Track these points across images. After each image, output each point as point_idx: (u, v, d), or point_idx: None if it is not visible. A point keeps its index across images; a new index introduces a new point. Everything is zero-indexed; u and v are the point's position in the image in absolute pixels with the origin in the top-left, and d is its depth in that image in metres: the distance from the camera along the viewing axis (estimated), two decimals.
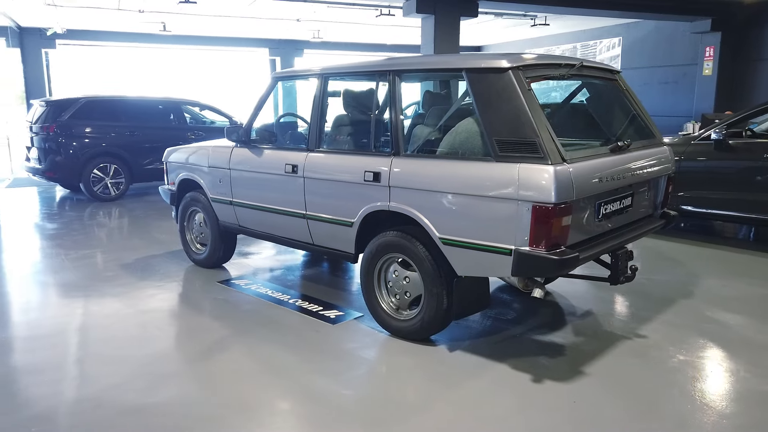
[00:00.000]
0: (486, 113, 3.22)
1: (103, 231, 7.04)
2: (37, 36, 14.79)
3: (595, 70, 3.86)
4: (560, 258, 2.99)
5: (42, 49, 15.07)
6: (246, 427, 2.77)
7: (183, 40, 15.71)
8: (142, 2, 11.38)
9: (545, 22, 13.67)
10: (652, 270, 5.45)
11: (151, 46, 15.95)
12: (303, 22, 13.72)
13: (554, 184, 2.94)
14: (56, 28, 14.03)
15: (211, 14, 12.65)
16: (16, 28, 14.36)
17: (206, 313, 4.28)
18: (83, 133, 8.63)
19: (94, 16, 12.93)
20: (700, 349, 3.64)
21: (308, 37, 15.87)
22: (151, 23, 13.75)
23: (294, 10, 12.29)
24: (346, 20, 13.46)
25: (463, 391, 3.14)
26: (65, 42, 15.33)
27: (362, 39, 16.65)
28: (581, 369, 3.36)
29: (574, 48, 16.55)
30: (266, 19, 13.41)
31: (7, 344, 3.74)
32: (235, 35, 15.96)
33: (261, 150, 4.52)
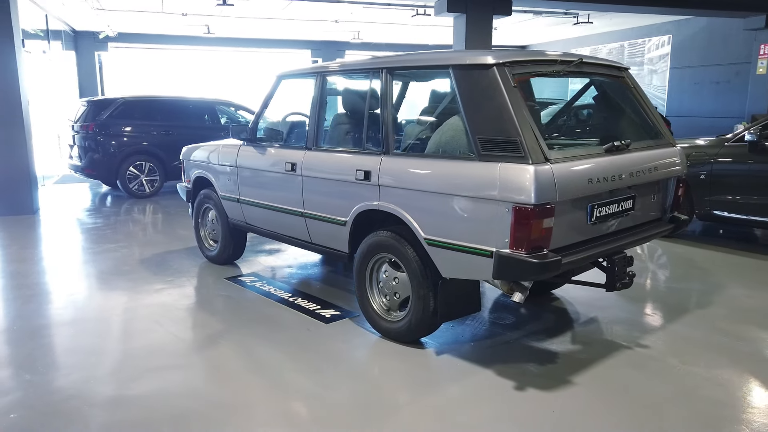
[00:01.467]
0: (470, 111, 3.14)
1: (131, 227, 7.27)
2: (91, 39, 15.46)
3: (598, 67, 3.71)
4: (540, 261, 2.87)
5: (95, 51, 15.75)
6: (216, 422, 2.78)
7: (227, 42, 16.09)
8: (185, 5, 11.71)
9: (588, 20, 13.27)
10: (675, 277, 5.21)
11: (196, 48, 16.41)
12: (341, 23, 13.82)
13: (534, 184, 2.83)
14: (108, 32, 14.63)
15: (251, 16, 12.90)
16: (71, 32, 15.04)
17: (206, 308, 4.34)
18: (120, 132, 8.94)
19: (141, 19, 13.40)
20: (705, 363, 3.43)
21: (348, 38, 15.97)
22: (195, 26, 14.14)
23: (331, 12, 12.39)
24: (384, 21, 13.46)
25: (440, 396, 3.06)
26: (117, 45, 15.97)
27: (401, 39, 16.62)
28: (570, 378, 3.22)
29: (622, 46, 16.02)
30: (306, 21, 13.57)
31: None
32: (277, 37, 16.23)
33: (265, 148, 4.56)
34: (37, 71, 12.03)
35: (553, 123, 4.12)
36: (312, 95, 4.18)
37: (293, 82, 4.49)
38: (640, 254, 5.94)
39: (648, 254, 5.95)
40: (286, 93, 4.61)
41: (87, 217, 7.82)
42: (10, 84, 7.42)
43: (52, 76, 13.22)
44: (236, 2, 10.72)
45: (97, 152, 8.83)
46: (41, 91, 12.47)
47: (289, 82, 4.55)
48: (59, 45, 14.90)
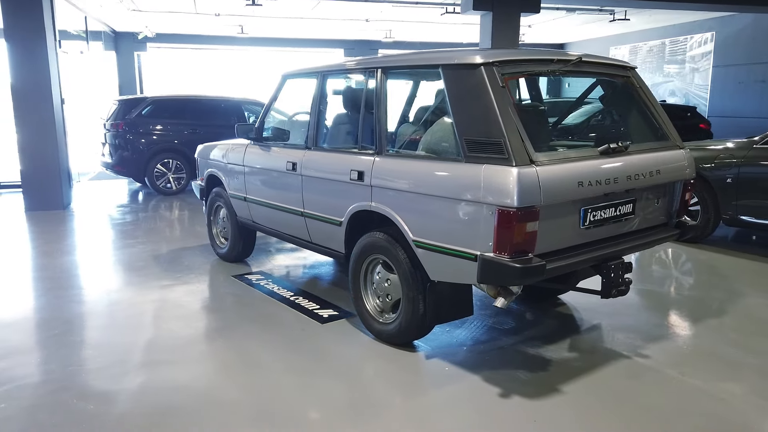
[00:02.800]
0: (457, 111, 3.08)
1: (152, 223, 7.44)
2: (130, 40, 15.91)
3: (600, 66, 3.58)
4: (523, 266, 2.79)
5: (134, 51, 16.20)
6: (198, 418, 2.81)
7: (261, 42, 16.31)
8: (217, 6, 11.92)
9: (625, 17, 12.90)
10: (694, 284, 5.01)
11: (231, 48, 16.69)
12: (372, 22, 13.82)
13: (517, 187, 2.76)
14: (146, 32, 15.03)
15: (282, 16, 13.03)
16: (111, 33, 15.51)
17: (208, 305, 4.40)
18: (149, 131, 9.17)
19: (177, 20, 13.70)
20: (707, 376, 3.27)
21: (380, 37, 15.97)
22: (229, 26, 14.38)
23: (360, 11, 12.41)
24: (414, 19, 13.40)
25: (421, 400, 3.02)
26: (155, 45, 16.39)
27: (432, 38, 16.52)
28: (559, 387, 3.13)
29: (663, 44, 15.51)
30: (336, 20, 13.63)
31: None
32: (310, 36, 16.36)
33: (270, 148, 4.59)
34: (75, 71, 12.45)
35: (561, 123, 4.00)
36: (312, 95, 4.19)
37: (297, 81, 4.50)
38: (664, 260, 5.74)
39: (671, 260, 5.74)
40: (291, 92, 4.63)
41: (113, 213, 8.05)
42: (43, 83, 7.69)
43: (91, 75, 13.66)
44: (265, 2, 10.85)
45: (126, 150, 9.08)
46: (80, 91, 12.90)
47: (293, 81, 4.56)
48: (100, 45, 15.41)
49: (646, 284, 4.97)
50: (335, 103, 4.14)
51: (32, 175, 7.84)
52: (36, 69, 7.62)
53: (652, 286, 4.95)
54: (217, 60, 18.12)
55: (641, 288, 4.82)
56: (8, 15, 7.41)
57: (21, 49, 7.52)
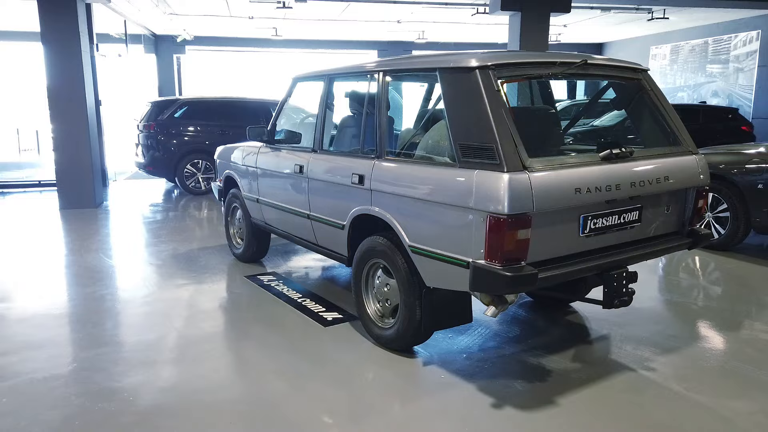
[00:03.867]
0: (452, 115, 3.03)
1: (178, 222, 7.59)
2: (169, 43, 16.31)
3: (608, 69, 3.47)
4: (513, 275, 2.72)
5: (174, 54, 16.61)
6: (185, 417, 2.85)
7: (295, 44, 16.49)
8: (251, 9, 12.10)
9: (664, 16, 12.50)
10: (717, 295, 4.82)
11: (267, 51, 16.92)
12: (404, 23, 13.79)
13: (507, 193, 2.70)
14: (184, 36, 15.37)
15: (315, 18, 13.13)
16: (151, 36, 15.94)
17: (216, 306, 4.45)
18: (179, 132, 9.37)
19: (213, 23, 13.97)
20: (714, 392, 3.13)
21: (413, 38, 15.92)
22: (263, 29, 14.58)
23: (390, 12, 12.39)
24: (446, 20, 13.31)
25: (410, 408, 2.98)
26: (194, 47, 16.76)
27: (465, 38, 16.38)
28: (554, 399, 3.04)
29: (706, 43, 14.98)
30: (368, 22, 13.66)
31: (7, 319, 4.16)
32: (343, 38, 16.44)
33: (280, 150, 4.62)
34: (114, 73, 12.83)
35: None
36: (319, 98, 4.20)
37: (307, 84, 4.52)
38: (690, 268, 5.54)
39: (697, 268, 5.53)
40: (301, 95, 4.65)
41: (142, 212, 8.25)
42: (76, 85, 7.95)
43: (130, 77, 14.05)
44: (295, 5, 10.95)
45: (157, 150, 9.30)
46: (119, 93, 13.29)
47: (303, 84, 4.58)
48: (141, 48, 15.84)
49: (667, 293, 4.80)
50: (341, 106, 4.14)
51: (66, 174, 8.11)
52: (70, 71, 7.88)
53: (673, 295, 4.78)
54: (253, 62, 18.40)
55: (661, 297, 4.67)
56: (45, 19, 7.69)
57: (56, 52, 7.79)
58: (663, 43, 16.41)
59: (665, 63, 16.52)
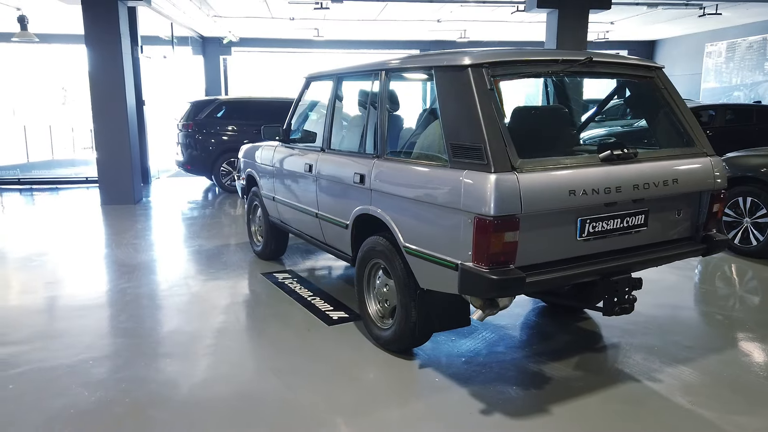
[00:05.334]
0: (445, 114, 2.98)
1: (210, 219, 7.77)
2: (216, 44, 16.74)
3: (616, 66, 3.34)
4: (499, 278, 2.65)
5: (220, 56, 17.03)
6: (175, 411, 2.91)
7: (336, 45, 16.63)
8: (291, 10, 12.27)
9: (716, 12, 11.95)
10: (747, 306, 4.58)
11: (309, 51, 17.13)
12: (444, 22, 13.70)
13: (494, 194, 2.63)
14: (230, 37, 15.74)
15: (355, 19, 13.21)
16: (198, 38, 16.40)
17: (226, 302, 4.52)
18: (216, 131, 9.59)
19: (256, 25, 14.25)
20: (722, 407, 2.97)
21: (455, 38, 15.79)
22: (305, 29, 14.76)
23: (430, 12, 12.33)
24: (487, 19, 13.14)
25: (398, 411, 2.95)
26: (239, 49, 17.14)
27: (507, 37, 16.14)
28: (548, 407, 2.95)
29: (764, 39, 14.24)
30: (408, 21, 13.63)
31: (29, 309, 4.34)
32: (384, 38, 16.46)
33: (293, 149, 4.66)
34: (160, 74, 13.26)
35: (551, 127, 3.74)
36: (328, 97, 4.21)
37: (319, 83, 4.54)
38: (723, 275, 5.28)
39: (731, 276, 5.27)
40: (314, 94, 4.68)
41: (178, 209, 8.49)
42: (117, 86, 8.24)
43: (176, 78, 14.49)
44: (333, 6, 11.03)
45: (195, 149, 9.55)
46: (165, 93, 13.73)
47: (316, 84, 4.60)
48: (189, 50, 16.32)
49: (693, 301, 4.59)
50: (349, 106, 4.14)
51: (107, 172, 8.43)
52: (111, 72, 8.18)
53: (698, 303, 4.57)
54: (297, 62, 18.67)
55: (684, 305, 4.46)
56: (88, 22, 8.01)
57: (98, 54, 8.11)
58: (718, 39, 15.70)
59: (721, 61, 15.81)
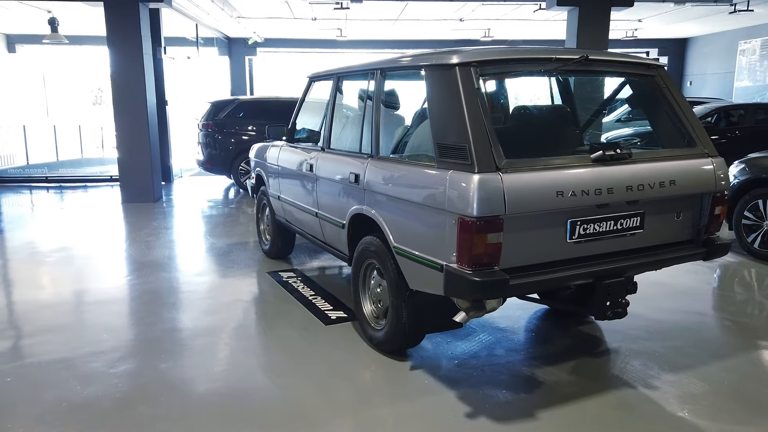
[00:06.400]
0: (433, 114, 2.95)
1: (225, 218, 7.86)
2: (242, 45, 16.94)
3: (613, 65, 3.26)
4: (480, 280, 2.61)
5: (245, 56, 17.23)
6: (157, 406, 2.94)
7: (360, 45, 16.67)
8: (312, 11, 12.33)
9: (748, 8, 11.58)
10: (757, 312, 4.40)
11: (333, 51, 17.20)
12: (467, 21, 13.60)
13: (476, 195, 2.59)
14: (255, 38, 15.90)
15: (377, 18, 13.21)
16: (224, 39, 16.61)
17: (228, 299, 4.56)
18: (235, 130, 9.70)
19: (279, 25, 14.37)
20: (718, 416, 2.86)
21: (479, 36, 15.66)
22: (328, 30, 14.83)
23: (453, 11, 12.25)
24: (510, 17, 13.00)
25: (382, 412, 2.93)
26: (264, 50, 17.31)
27: (532, 35, 15.93)
28: (536, 412, 2.89)
29: None
30: (430, 21, 13.57)
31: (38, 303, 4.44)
32: (408, 38, 16.42)
33: (297, 149, 4.68)
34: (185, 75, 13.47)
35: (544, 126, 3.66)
36: (328, 97, 4.22)
37: (321, 83, 4.55)
38: (742, 280, 5.12)
39: (750, 281, 5.10)
40: (318, 94, 4.68)
41: (195, 208, 8.61)
42: (137, 86, 8.40)
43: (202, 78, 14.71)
44: (352, 5, 11.05)
45: (214, 149, 9.68)
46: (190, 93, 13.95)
47: (318, 83, 4.61)
48: (215, 50, 16.55)
49: (703, 306, 4.45)
50: (347, 106, 4.13)
51: (127, 170, 8.61)
52: (132, 73, 8.34)
53: (709, 309, 4.43)
54: (321, 63, 18.75)
55: (693, 310, 4.31)
56: (110, 24, 8.18)
57: (119, 55, 8.28)
58: (752, 37, 15.23)
59: (755, 59, 15.33)
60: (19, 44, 16.69)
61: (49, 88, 18.54)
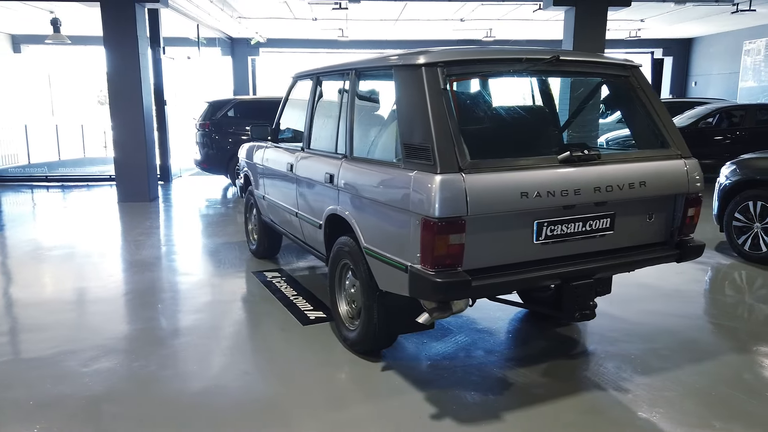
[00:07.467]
0: (400, 114, 2.95)
1: (218, 218, 7.88)
2: (244, 45, 16.99)
3: (586, 65, 3.24)
4: (442, 281, 2.60)
5: (248, 56, 17.28)
6: (122, 407, 2.96)
7: (362, 45, 16.67)
8: (312, 11, 12.34)
9: (750, 8, 11.46)
10: (741, 315, 4.36)
11: (336, 52, 17.21)
12: (468, 21, 13.56)
13: (438, 195, 2.58)
14: (257, 38, 15.95)
15: (377, 19, 13.20)
16: (227, 39, 16.67)
17: (209, 299, 4.57)
18: (232, 130, 9.72)
19: (282, 26, 14.39)
20: (686, 420, 2.84)
21: (480, 36, 15.61)
22: (330, 30, 14.83)
23: (453, 11, 12.22)
24: (511, 17, 12.95)
25: (345, 412, 2.92)
26: (267, 50, 17.36)
27: (534, 36, 15.86)
28: (502, 414, 2.88)
29: None
30: (431, 21, 13.55)
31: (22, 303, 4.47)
32: (409, 38, 16.40)
33: (280, 149, 4.69)
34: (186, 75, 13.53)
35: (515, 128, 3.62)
36: (308, 96, 4.22)
37: (304, 83, 4.55)
38: (732, 283, 5.08)
39: (740, 284, 5.05)
40: (301, 94, 4.68)
41: (189, 207, 8.64)
42: (133, 87, 8.44)
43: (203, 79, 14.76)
44: (350, 6, 11.05)
45: (211, 148, 9.71)
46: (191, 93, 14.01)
47: (302, 82, 4.61)
48: (218, 51, 16.61)
49: (687, 309, 4.38)
50: (327, 105, 4.13)
51: (123, 170, 8.65)
52: (128, 73, 8.39)
53: (693, 311, 4.36)
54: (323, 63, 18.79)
55: (676, 312, 4.26)
56: (106, 24, 8.23)
57: (115, 55, 8.32)
58: (758, 37, 15.08)
59: (760, 59, 15.17)
60: (24, 44, 16.84)
61: (54, 88, 18.68)
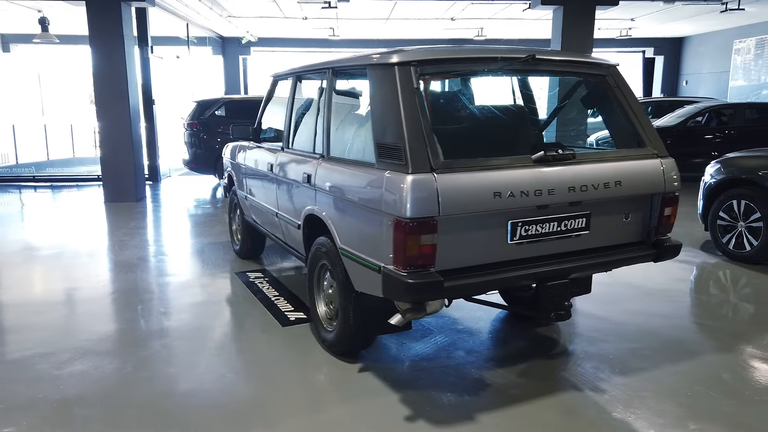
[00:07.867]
0: (374, 114, 2.93)
1: (204, 218, 7.83)
2: (235, 45, 16.93)
3: (562, 64, 3.23)
4: (413, 282, 2.59)
5: (239, 56, 17.23)
6: (93, 410, 2.92)
7: (354, 44, 16.63)
8: (302, 10, 12.30)
9: (739, 7, 11.49)
10: (725, 314, 4.36)
11: (327, 51, 17.16)
12: (458, 20, 13.55)
13: (409, 195, 2.56)
14: (249, 37, 15.90)
15: (368, 18, 13.17)
16: (218, 39, 16.61)
17: (190, 300, 4.54)
18: (220, 130, 9.67)
19: (273, 25, 14.35)
20: (658, 421, 2.83)
21: (472, 36, 15.61)
22: (321, 29, 14.80)
23: (443, 10, 12.21)
24: (502, 17, 12.95)
25: (319, 414, 2.90)
26: (258, 49, 17.31)
27: (525, 35, 15.87)
28: (477, 415, 2.86)
29: None
30: (422, 20, 13.53)
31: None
32: (401, 37, 16.38)
33: (261, 148, 4.66)
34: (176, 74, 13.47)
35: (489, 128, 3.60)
36: (287, 96, 4.19)
37: (284, 82, 4.52)
38: (716, 282, 5.08)
39: (726, 284, 5.05)
40: (281, 93, 4.66)
41: (176, 207, 8.59)
42: (119, 86, 8.39)
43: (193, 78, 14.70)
44: (340, 5, 11.02)
45: (199, 148, 9.66)
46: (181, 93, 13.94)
47: (282, 82, 4.59)
48: (209, 50, 16.55)
49: (670, 308, 4.36)
50: (306, 105, 4.10)
51: (109, 170, 8.60)
52: (114, 72, 8.34)
53: (676, 311, 4.34)
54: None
55: (659, 312, 4.25)
56: (92, 23, 8.18)
57: (101, 54, 8.27)
58: (747, 36, 15.12)
59: (749, 58, 15.22)
60: (13, 44, 16.74)
61: (44, 87, 18.53)
